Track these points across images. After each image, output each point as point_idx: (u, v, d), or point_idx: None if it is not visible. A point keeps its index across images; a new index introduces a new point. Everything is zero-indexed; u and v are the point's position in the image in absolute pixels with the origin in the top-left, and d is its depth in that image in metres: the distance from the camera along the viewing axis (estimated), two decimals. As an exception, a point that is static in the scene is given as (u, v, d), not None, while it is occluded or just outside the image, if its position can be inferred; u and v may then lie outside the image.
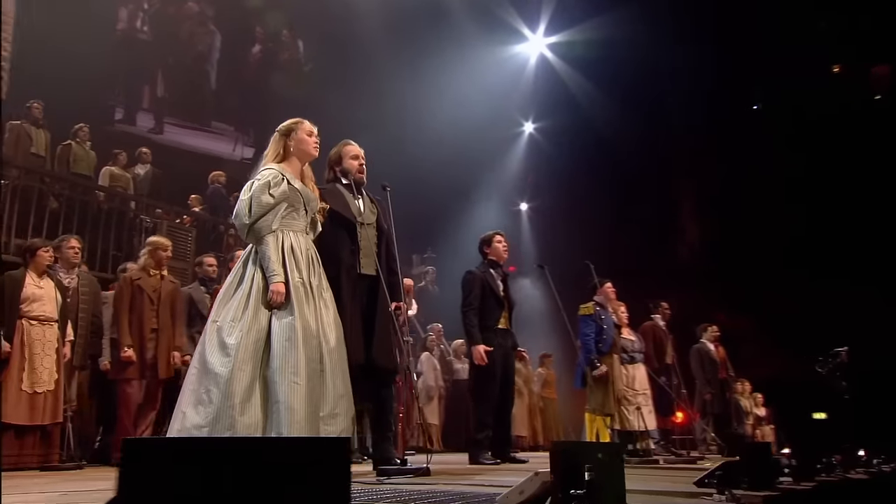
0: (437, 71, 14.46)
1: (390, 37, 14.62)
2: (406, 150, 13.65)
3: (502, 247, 5.87)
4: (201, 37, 15.88)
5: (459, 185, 14.52)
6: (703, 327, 9.51)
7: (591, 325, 6.68)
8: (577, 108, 14.81)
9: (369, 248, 4.08)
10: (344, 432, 3.55)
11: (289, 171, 3.70)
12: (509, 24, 15.63)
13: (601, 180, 13.97)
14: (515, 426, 9.79)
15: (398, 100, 14.23)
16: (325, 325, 3.57)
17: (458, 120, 14.37)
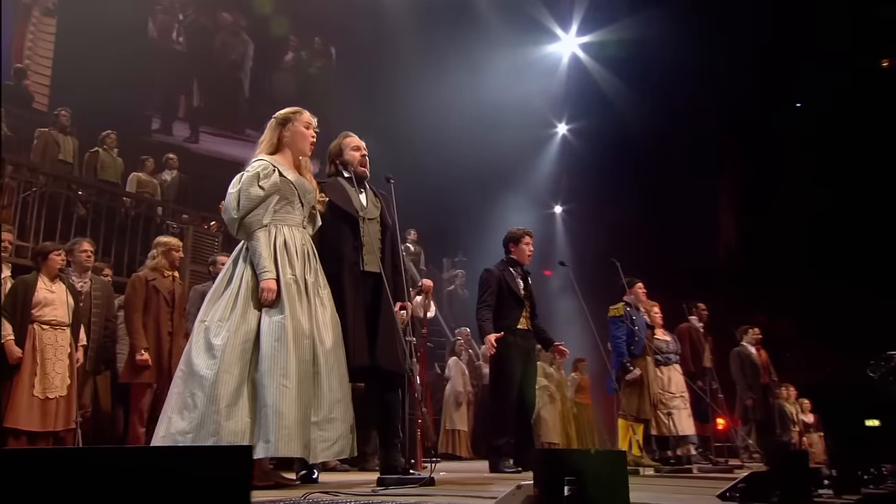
0: (468, 71, 14.32)
1: (420, 38, 14.51)
2: (437, 153, 13.51)
3: (529, 249, 5.55)
4: (235, 46, 15.96)
5: (491, 187, 14.27)
6: (744, 329, 9.08)
7: (621, 327, 6.34)
8: (610, 108, 14.42)
9: (373, 245, 3.83)
10: (341, 438, 3.33)
11: (282, 163, 3.51)
12: (541, 23, 15.37)
13: (635, 181, 13.59)
14: (548, 433, 9.50)
15: (429, 102, 14.01)
16: (320, 324, 3.36)
17: (490, 121, 14.17)
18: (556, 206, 16.10)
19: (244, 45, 16.04)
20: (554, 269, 15.00)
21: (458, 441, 8.69)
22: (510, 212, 14.27)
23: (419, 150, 13.50)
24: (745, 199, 13.83)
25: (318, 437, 3.23)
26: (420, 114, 13.87)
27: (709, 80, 13.02)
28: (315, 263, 3.48)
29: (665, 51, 12.85)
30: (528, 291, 5.42)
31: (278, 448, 3.00)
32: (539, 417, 9.70)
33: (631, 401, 6.36)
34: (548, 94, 15.66)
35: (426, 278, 5.87)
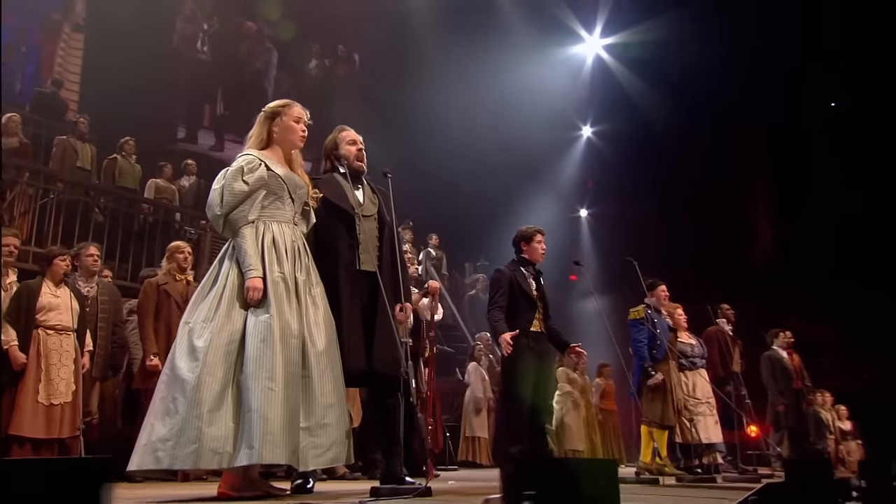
0: (491, 74, 14.21)
1: (443, 42, 14.41)
2: (460, 156, 13.37)
3: (541, 248, 5.30)
4: (259, 55, 15.98)
5: (515, 191, 14.04)
6: (774, 333, 8.74)
7: (642, 330, 6.08)
8: (635, 111, 14.18)
9: (370, 243, 3.64)
10: (335, 445, 3.14)
11: (270, 157, 3.34)
12: (566, 24, 15.22)
13: (661, 183, 13.27)
14: (572, 440, 9.24)
15: (452, 106, 13.92)
16: (311, 324, 3.18)
17: (515, 124, 14.01)
18: (582, 209, 15.80)
19: (268, 54, 16.07)
20: (579, 274, 14.73)
21: (479, 448, 8.46)
22: (535, 215, 13.98)
23: (442, 154, 13.36)
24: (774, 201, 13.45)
25: (310, 444, 3.05)
26: (443, 118, 13.76)
27: (733, 81, 12.68)
28: (307, 261, 3.31)
29: (689, 52, 12.60)
30: (540, 292, 5.18)
31: (262, 455, 2.82)
32: (563, 424, 9.45)
33: (654, 407, 6.08)
34: (572, 96, 15.47)
35: (433, 280, 5.64)
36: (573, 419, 9.41)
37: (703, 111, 12.81)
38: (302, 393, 3.08)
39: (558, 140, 15.52)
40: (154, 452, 2.85)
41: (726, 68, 12.53)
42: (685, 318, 6.70)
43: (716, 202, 12.60)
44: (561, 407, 9.53)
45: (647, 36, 13.91)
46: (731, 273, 11.59)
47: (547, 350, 5.17)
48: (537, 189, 14.82)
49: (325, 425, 3.10)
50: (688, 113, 12.91)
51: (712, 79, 12.60)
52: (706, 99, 12.75)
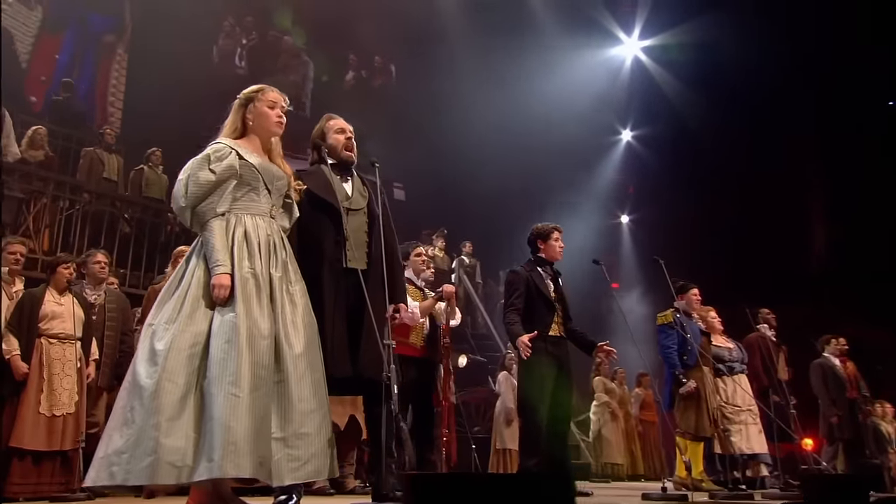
0: (527, 77, 13.96)
1: (479, 46, 14.23)
2: (495, 162, 13.12)
3: (559, 245, 4.97)
4: (296, 68, 16.04)
5: (552, 197, 13.66)
6: (826, 339, 8.18)
7: (671, 336, 5.67)
8: (676, 114, 13.69)
9: (358, 239, 3.40)
10: (315, 457, 2.85)
11: (245, 146, 3.10)
12: (604, 26, 14.84)
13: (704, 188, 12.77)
14: (610, 452, 8.83)
15: (489, 110, 13.69)
16: (287, 324, 2.92)
17: (552, 128, 13.68)
18: (623, 215, 15.31)
19: (305, 67, 16.12)
20: (620, 282, 14.26)
21: (510, 460, 8.06)
22: (573, 221, 13.57)
23: (477, 161, 13.13)
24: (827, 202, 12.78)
25: (286, 456, 2.77)
26: (479, 124, 13.55)
27: (777, 83, 12.11)
28: (284, 256, 3.05)
29: (729, 53, 12.15)
30: (559, 293, 4.83)
31: (223, 468, 2.54)
32: (600, 436, 9.05)
33: (687, 416, 5.66)
34: (611, 99, 15.04)
35: (448, 284, 5.32)
36: (611, 431, 8.99)
37: (746, 113, 12.31)
38: (276, 400, 2.81)
39: (597, 144, 15.09)
40: (109, 467, 2.60)
41: (769, 69, 12.01)
42: (719, 321, 6.25)
43: (760, 204, 12.03)
44: (598, 418, 9.14)
45: (686, 38, 13.47)
46: (779, 276, 10.98)
47: (567, 355, 4.82)
48: (575, 195, 14.42)
49: (303, 435, 2.82)
50: (729, 115, 12.41)
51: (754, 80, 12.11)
52: (749, 101, 12.24)
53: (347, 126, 3.61)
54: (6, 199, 7.16)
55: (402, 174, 16.23)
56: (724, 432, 5.66)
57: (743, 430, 5.79)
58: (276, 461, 2.74)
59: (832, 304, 10.79)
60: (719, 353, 6.09)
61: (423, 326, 5.19)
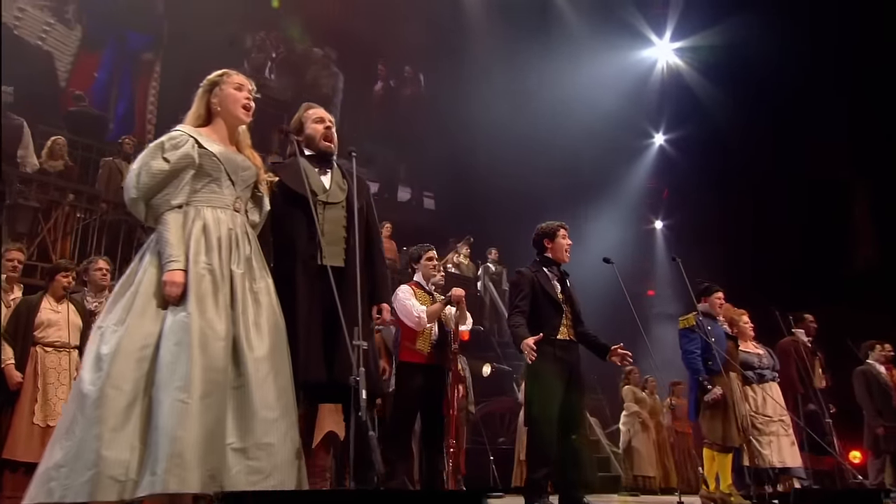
0: (557, 80, 13.70)
1: (506, 48, 14.05)
2: (524, 168, 13.01)
3: (566, 244, 4.65)
4: (326, 79, 16.00)
5: (583, 203, 13.29)
6: (870, 345, 7.63)
7: (694, 341, 5.28)
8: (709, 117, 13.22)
9: (335, 234, 3.14)
10: (279, 469, 2.59)
11: (209, 135, 2.88)
12: (635, 28, 14.51)
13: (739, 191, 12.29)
14: (641, 464, 8.42)
15: (516, 115, 13.47)
16: (249, 325, 2.67)
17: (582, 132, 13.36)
18: (657, 220, 14.82)
19: (335, 78, 16.07)
20: (656, 289, 13.79)
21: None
22: (604, 227, 13.23)
23: (506, 166, 12.92)
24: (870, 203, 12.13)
25: (245, 468, 2.50)
26: (509, 129, 13.36)
27: (812, 84, 11.56)
28: (248, 252, 2.81)
29: (761, 55, 11.68)
30: (567, 295, 4.51)
31: (166, 482, 2.29)
32: (630, 448, 8.63)
33: (714, 426, 5.25)
34: (642, 103, 14.64)
35: (457, 288, 5.02)
36: (642, 442, 8.56)
37: (780, 115, 11.80)
38: (235, 407, 2.56)
39: (630, 148, 14.69)
40: (47, 482, 2.37)
41: (801, 70, 11.47)
42: (752, 327, 5.82)
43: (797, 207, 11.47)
44: (628, 429, 8.72)
45: (718, 39, 13.08)
46: (817, 279, 10.41)
47: (577, 360, 4.48)
48: (607, 201, 14.02)
49: (265, 445, 2.56)
50: (762, 117, 11.95)
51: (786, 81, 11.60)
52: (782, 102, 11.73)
53: (327, 115, 3.38)
54: (21, 209, 7.12)
55: (433, 184, 16.09)
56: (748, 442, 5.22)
57: (774, 441, 5.36)
58: (235, 473, 2.48)
59: (873, 308, 10.18)
60: (748, 359, 5.67)
61: (431, 332, 4.92)
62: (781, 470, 5.48)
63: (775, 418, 5.55)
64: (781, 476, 5.53)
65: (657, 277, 13.73)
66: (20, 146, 7.68)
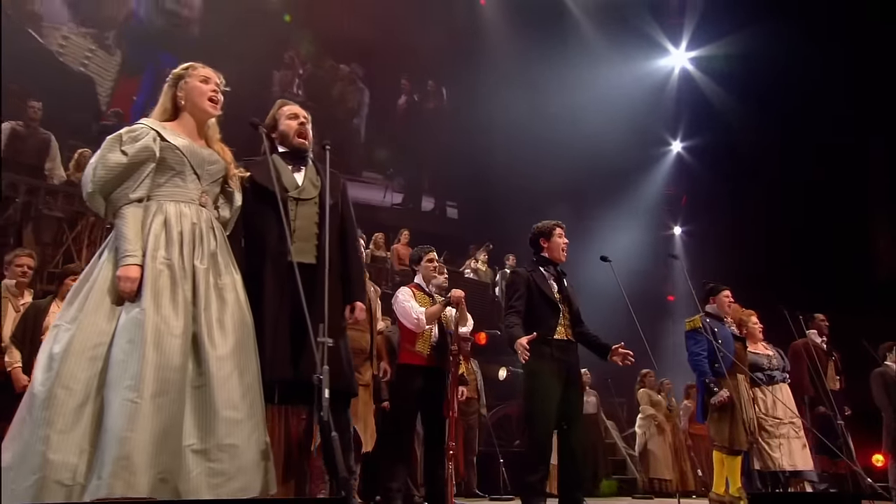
0: (574, 88, 13.44)
1: (524, 57, 13.90)
2: (543, 174, 12.87)
3: (563, 242, 4.37)
4: (352, 94, 15.98)
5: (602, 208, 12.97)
6: (888, 346, 7.22)
7: (700, 342, 4.98)
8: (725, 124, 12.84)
9: (306, 231, 2.96)
10: (244, 471, 2.41)
11: (174, 128, 2.71)
12: (652, 38, 14.23)
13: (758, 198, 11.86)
14: (657, 468, 8.11)
15: (535, 123, 13.32)
16: (212, 322, 2.49)
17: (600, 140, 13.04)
18: (676, 226, 14.41)
19: (360, 93, 16.05)
20: (676, 294, 13.40)
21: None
22: (623, 233, 12.87)
23: (525, 173, 12.76)
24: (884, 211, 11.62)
25: (206, 470, 2.33)
26: (527, 138, 13.28)
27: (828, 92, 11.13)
28: (213, 247, 2.63)
29: (776, 63, 11.31)
30: (564, 295, 4.26)
31: (111, 486, 2.11)
32: (647, 451, 8.31)
33: (721, 428, 4.95)
34: (659, 110, 14.31)
35: (456, 289, 4.80)
36: (658, 445, 8.24)
37: (796, 122, 11.34)
38: (196, 407, 2.38)
39: (648, 156, 14.33)
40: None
41: (817, 79, 11.06)
42: (761, 328, 5.50)
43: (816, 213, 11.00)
44: (644, 432, 8.41)
45: (733, 49, 12.72)
46: (839, 284, 9.96)
47: (576, 361, 4.24)
48: (626, 208, 13.68)
49: (228, 447, 2.38)
50: (779, 123, 11.52)
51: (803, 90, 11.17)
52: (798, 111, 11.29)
53: (301, 112, 3.20)
54: (46, 219, 7.10)
55: (455, 193, 15.92)
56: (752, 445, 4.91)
57: (784, 444, 5.03)
58: (195, 476, 2.30)
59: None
60: (757, 360, 5.34)
61: (431, 334, 4.70)
62: (793, 473, 5.15)
63: (785, 420, 5.22)
64: (793, 479, 5.19)
65: (677, 283, 13.32)
66: (48, 159, 7.67)
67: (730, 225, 12.35)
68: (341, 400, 2.93)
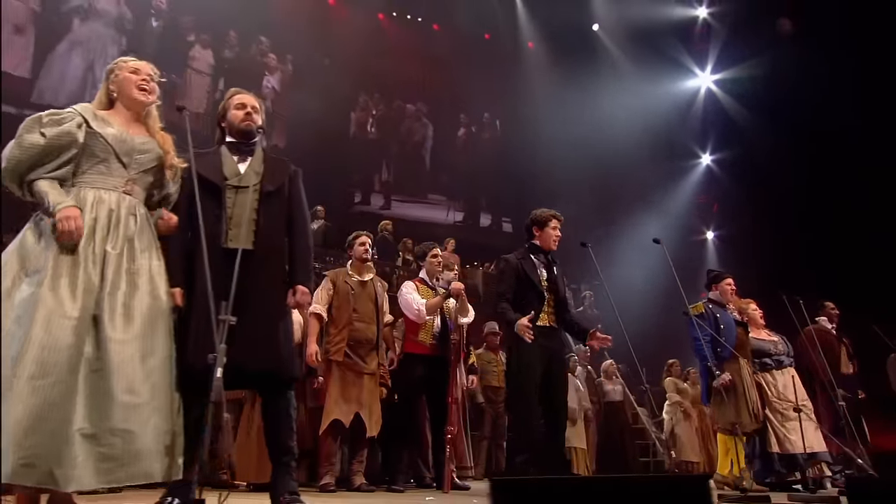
0: (608, 111, 13.00)
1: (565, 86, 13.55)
2: (582, 183, 12.43)
3: (556, 234, 3.96)
4: (418, 129, 16.02)
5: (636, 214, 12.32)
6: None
7: (702, 328, 4.42)
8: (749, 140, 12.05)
9: (243, 216, 2.58)
10: (141, 456, 2.06)
11: (107, 117, 2.39)
12: (680, 61, 13.68)
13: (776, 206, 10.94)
14: (684, 451, 7.43)
15: (574, 140, 12.89)
16: (116, 306, 2.15)
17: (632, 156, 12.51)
18: (709, 231, 13.49)
19: (425, 128, 16.09)
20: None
21: (576, 458, 6.91)
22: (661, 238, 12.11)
23: (566, 184, 12.37)
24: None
25: (97, 455, 1.99)
26: (568, 155, 12.79)
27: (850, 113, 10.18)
28: (131, 233, 2.29)
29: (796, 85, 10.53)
30: (551, 282, 3.84)
31: None
32: (674, 435, 7.62)
33: (724, 411, 4.38)
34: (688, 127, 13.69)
35: (456, 282, 4.45)
36: (684, 430, 7.55)
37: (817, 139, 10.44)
38: (91, 391, 2.04)
39: (679, 168, 13.62)
40: None
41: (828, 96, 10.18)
42: (760, 314, 4.88)
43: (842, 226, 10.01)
44: (671, 418, 7.74)
45: (754, 71, 12.01)
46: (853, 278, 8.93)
47: (561, 348, 3.81)
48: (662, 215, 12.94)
49: (123, 432, 2.03)
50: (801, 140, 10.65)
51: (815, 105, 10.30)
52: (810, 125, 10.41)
53: (250, 101, 2.79)
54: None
55: (510, 210, 15.61)
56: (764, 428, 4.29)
57: (797, 427, 4.37)
58: (81, 462, 1.96)
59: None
60: (763, 346, 4.73)
61: (433, 324, 4.38)
62: (809, 455, 4.48)
63: (798, 404, 4.56)
64: (810, 461, 4.52)
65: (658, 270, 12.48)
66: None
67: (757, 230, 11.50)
68: (278, 384, 2.57)
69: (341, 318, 4.08)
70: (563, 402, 3.75)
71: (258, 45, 12.76)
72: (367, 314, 4.13)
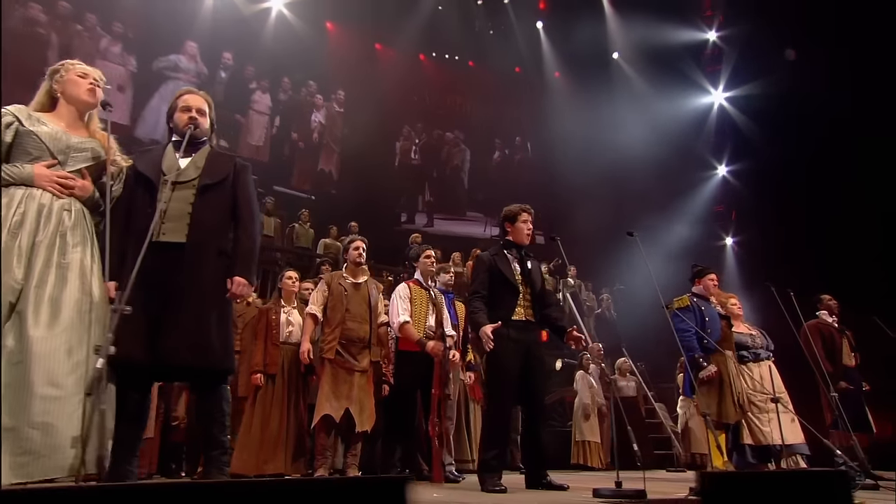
0: (626, 128, 12.65)
1: (586, 108, 13.21)
2: (606, 194, 12.13)
3: (527, 228, 3.64)
4: (456, 154, 15.97)
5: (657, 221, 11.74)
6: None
7: (687, 321, 4.01)
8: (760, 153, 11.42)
9: (178, 210, 2.34)
10: (59, 450, 1.90)
11: (44, 117, 2.24)
12: (694, 80, 13.18)
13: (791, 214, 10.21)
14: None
15: (595, 156, 12.49)
16: (42, 301, 1.99)
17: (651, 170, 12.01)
18: (728, 237, 12.69)
19: (463, 153, 16.05)
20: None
21: (589, 452, 6.48)
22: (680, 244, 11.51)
23: (590, 196, 11.99)
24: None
25: (11, 450, 1.83)
26: (590, 169, 12.37)
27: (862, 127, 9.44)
28: (64, 227, 2.13)
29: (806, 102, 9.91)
30: (525, 276, 3.53)
31: None
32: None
33: (708, 402, 3.95)
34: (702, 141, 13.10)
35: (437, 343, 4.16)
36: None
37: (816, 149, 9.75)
38: (10, 384, 1.89)
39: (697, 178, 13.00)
40: None
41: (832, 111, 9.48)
42: (739, 307, 4.42)
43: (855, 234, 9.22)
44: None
45: (765, 89, 11.42)
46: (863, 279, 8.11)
47: (536, 341, 3.48)
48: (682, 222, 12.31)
49: (42, 425, 1.87)
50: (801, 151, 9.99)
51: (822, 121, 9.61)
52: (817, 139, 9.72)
53: (194, 103, 2.53)
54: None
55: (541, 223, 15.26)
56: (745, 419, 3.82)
57: (774, 419, 3.90)
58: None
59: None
60: (742, 339, 4.29)
61: (426, 324, 4.13)
62: (785, 447, 3.98)
63: (773, 396, 4.07)
64: (785, 453, 4.02)
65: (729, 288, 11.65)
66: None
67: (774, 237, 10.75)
68: (210, 378, 2.34)
69: (335, 318, 3.91)
70: (541, 395, 3.43)
71: (307, 87, 13.04)
72: (360, 314, 3.94)
